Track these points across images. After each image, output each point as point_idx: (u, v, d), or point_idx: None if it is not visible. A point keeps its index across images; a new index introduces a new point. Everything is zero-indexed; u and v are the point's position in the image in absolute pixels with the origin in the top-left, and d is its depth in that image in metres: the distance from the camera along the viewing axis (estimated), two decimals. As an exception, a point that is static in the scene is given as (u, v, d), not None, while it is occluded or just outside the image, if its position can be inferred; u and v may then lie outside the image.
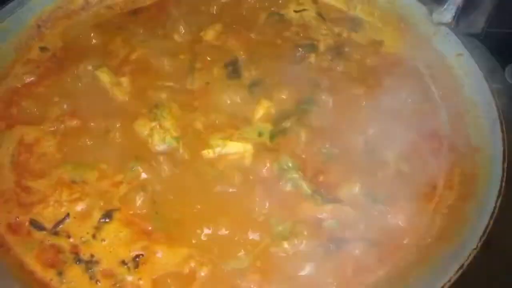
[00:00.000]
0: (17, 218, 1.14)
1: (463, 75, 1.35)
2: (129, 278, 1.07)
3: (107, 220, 1.14)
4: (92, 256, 1.09)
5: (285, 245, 1.11)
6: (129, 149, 1.26)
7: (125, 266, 1.08)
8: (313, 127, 1.31)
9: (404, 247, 1.13)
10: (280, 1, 1.62)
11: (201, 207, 1.17)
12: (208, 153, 1.25)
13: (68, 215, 1.14)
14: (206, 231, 1.13)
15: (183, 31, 1.52)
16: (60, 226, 1.13)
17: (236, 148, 1.26)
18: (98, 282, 1.06)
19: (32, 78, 1.40)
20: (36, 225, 1.13)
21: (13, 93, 1.37)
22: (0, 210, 1.16)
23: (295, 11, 1.60)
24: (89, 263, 1.08)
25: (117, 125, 1.29)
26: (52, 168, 1.21)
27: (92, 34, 1.51)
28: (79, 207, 1.16)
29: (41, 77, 1.41)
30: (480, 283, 1.15)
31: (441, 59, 1.42)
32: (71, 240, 1.12)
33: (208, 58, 1.45)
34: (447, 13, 1.41)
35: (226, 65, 1.43)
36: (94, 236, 1.12)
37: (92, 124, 1.30)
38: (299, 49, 1.48)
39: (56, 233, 1.12)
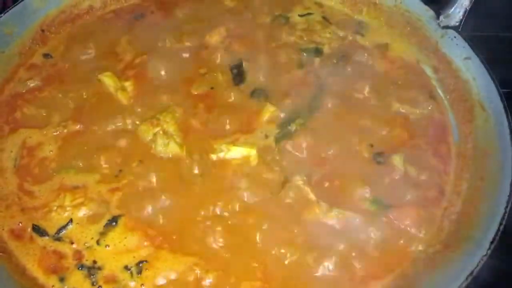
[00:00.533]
0: (20, 224, 1.14)
1: (471, 79, 1.33)
2: (132, 283, 1.06)
3: (113, 224, 1.13)
4: (95, 262, 1.08)
5: (288, 253, 1.10)
6: (132, 154, 1.25)
7: (128, 272, 1.07)
8: (319, 131, 1.29)
9: (412, 254, 1.12)
10: (285, 5, 1.61)
11: (205, 213, 1.15)
12: (212, 158, 1.24)
13: (71, 220, 1.13)
14: (210, 238, 1.11)
15: (188, 35, 1.51)
16: (63, 231, 1.12)
17: (240, 153, 1.24)
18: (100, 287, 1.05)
19: (35, 83, 1.40)
20: (39, 230, 1.12)
21: (17, 98, 1.37)
22: (3, 215, 1.15)
23: (300, 15, 1.59)
24: (92, 269, 1.07)
25: (121, 130, 1.29)
26: (54, 173, 1.20)
27: (96, 38, 1.50)
28: (82, 212, 1.15)
29: (44, 81, 1.40)
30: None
31: (448, 63, 1.40)
32: (74, 245, 1.10)
33: (213, 62, 1.44)
34: (454, 16, 1.39)
35: (231, 69, 1.42)
36: (98, 242, 1.11)
37: (95, 128, 1.29)
38: (304, 53, 1.47)
39: (59, 239, 1.11)
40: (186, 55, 1.47)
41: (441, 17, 1.42)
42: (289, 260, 1.09)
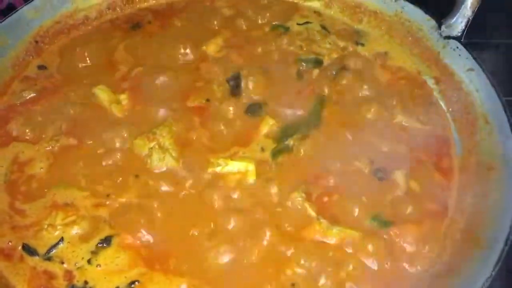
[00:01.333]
0: (10, 243, 1.10)
1: (474, 91, 1.30)
2: (124, 306, 1.03)
3: (104, 245, 1.09)
4: (86, 282, 1.05)
5: (288, 272, 1.07)
6: (127, 170, 1.21)
7: (120, 293, 1.04)
8: (318, 145, 1.26)
9: (413, 275, 1.08)
10: (283, 14, 1.58)
11: (200, 230, 1.12)
12: (209, 173, 1.21)
13: (62, 239, 1.10)
14: (207, 257, 1.08)
15: (185, 46, 1.47)
16: (54, 251, 1.09)
17: (237, 168, 1.21)
18: (91, 309, 1.02)
19: (30, 95, 1.37)
20: (29, 250, 1.09)
21: (10, 111, 1.34)
22: (-8, 233, 1.12)
23: (298, 24, 1.56)
24: (83, 290, 1.04)
25: (116, 145, 1.26)
26: (45, 190, 1.17)
27: (91, 50, 1.47)
28: (75, 231, 1.11)
29: (39, 94, 1.37)
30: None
31: (450, 74, 1.37)
32: (65, 265, 1.07)
33: (209, 74, 1.41)
34: (457, 26, 1.36)
35: (228, 80, 1.39)
36: (89, 262, 1.07)
37: (89, 143, 1.26)
38: (303, 63, 1.44)
39: (49, 259, 1.08)
40: (182, 66, 1.43)
41: (443, 27, 1.39)
42: (288, 279, 1.06)
